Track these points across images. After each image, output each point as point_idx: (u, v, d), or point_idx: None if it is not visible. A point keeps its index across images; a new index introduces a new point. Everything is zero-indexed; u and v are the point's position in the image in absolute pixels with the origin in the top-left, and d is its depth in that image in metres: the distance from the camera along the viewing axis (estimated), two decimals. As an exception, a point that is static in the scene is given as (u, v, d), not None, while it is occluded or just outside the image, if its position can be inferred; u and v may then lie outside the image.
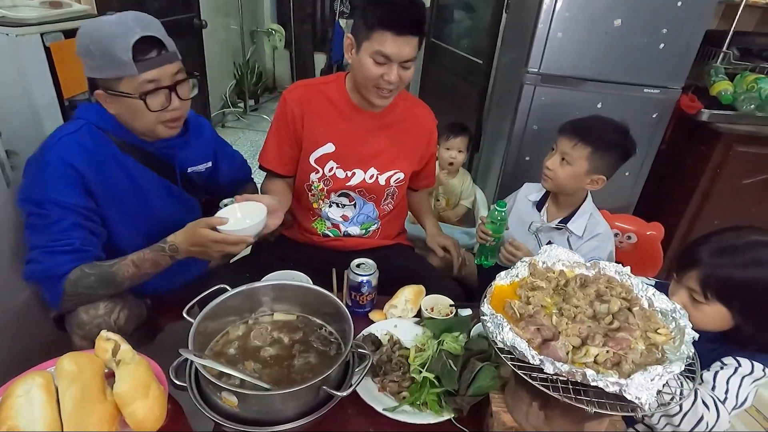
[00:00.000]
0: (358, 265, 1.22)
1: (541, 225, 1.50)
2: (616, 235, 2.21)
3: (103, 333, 0.89)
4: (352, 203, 1.48)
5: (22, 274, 1.05)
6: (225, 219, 1.07)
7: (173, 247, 1.10)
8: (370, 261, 1.25)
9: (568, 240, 1.46)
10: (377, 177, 1.44)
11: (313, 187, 1.46)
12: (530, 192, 1.58)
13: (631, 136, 1.37)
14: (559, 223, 1.48)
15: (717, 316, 0.95)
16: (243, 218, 1.13)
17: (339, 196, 1.47)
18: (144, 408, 0.77)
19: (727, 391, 0.92)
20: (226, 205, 1.17)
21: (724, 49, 2.15)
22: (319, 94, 1.40)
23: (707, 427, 0.88)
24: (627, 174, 2.14)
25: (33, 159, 1.08)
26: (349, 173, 1.43)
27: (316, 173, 1.43)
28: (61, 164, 1.04)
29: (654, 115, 2.01)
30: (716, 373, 0.94)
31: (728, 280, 0.92)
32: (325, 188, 1.45)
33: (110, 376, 0.86)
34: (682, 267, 0.99)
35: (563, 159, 1.38)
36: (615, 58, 1.90)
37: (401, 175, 1.46)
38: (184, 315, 0.96)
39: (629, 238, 1.81)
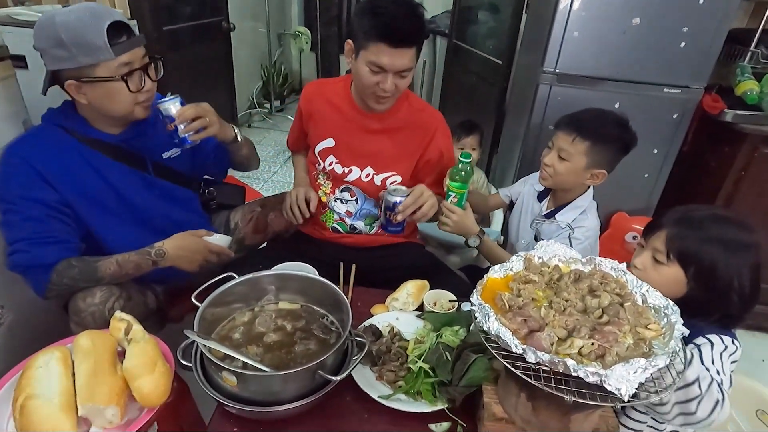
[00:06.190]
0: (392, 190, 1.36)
1: (537, 216, 1.49)
2: (634, 237, 2.18)
3: (117, 314, 0.95)
4: (354, 198, 1.52)
5: (6, 264, 1.09)
6: (210, 232, 1.27)
7: (160, 252, 1.17)
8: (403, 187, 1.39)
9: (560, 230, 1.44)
10: (373, 177, 1.47)
11: (319, 178, 1.54)
12: (537, 182, 1.56)
13: (631, 128, 1.34)
14: (549, 213, 1.46)
15: (674, 278, 0.99)
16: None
17: (342, 191, 1.51)
18: (150, 383, 0.82)
19: (718, 372, 0.91)
20: None
21: (752, 47, 2.08)
22: (328, 92, 1.47)
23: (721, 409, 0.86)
24: (646, 176, 2.10)
25: None
26: (346, 170, 1.47)
27: (318, 165, 1.51)
28: (17, 161, 1.09)
29: (675, 116, 1.97)
30: (700, 356, 0.94)
31: (690, 247, 0.97)
32: (329, 182, 1.52)
33: (122, 354, 0.93)
34: (651, 229, 1.05)
35: (560, 155, 1.35)
36: (633, 57, 1.87)
37: (398, 178, 1.47)
38: (193, 300, 1.02)
39: (647, 240, 1.78)
